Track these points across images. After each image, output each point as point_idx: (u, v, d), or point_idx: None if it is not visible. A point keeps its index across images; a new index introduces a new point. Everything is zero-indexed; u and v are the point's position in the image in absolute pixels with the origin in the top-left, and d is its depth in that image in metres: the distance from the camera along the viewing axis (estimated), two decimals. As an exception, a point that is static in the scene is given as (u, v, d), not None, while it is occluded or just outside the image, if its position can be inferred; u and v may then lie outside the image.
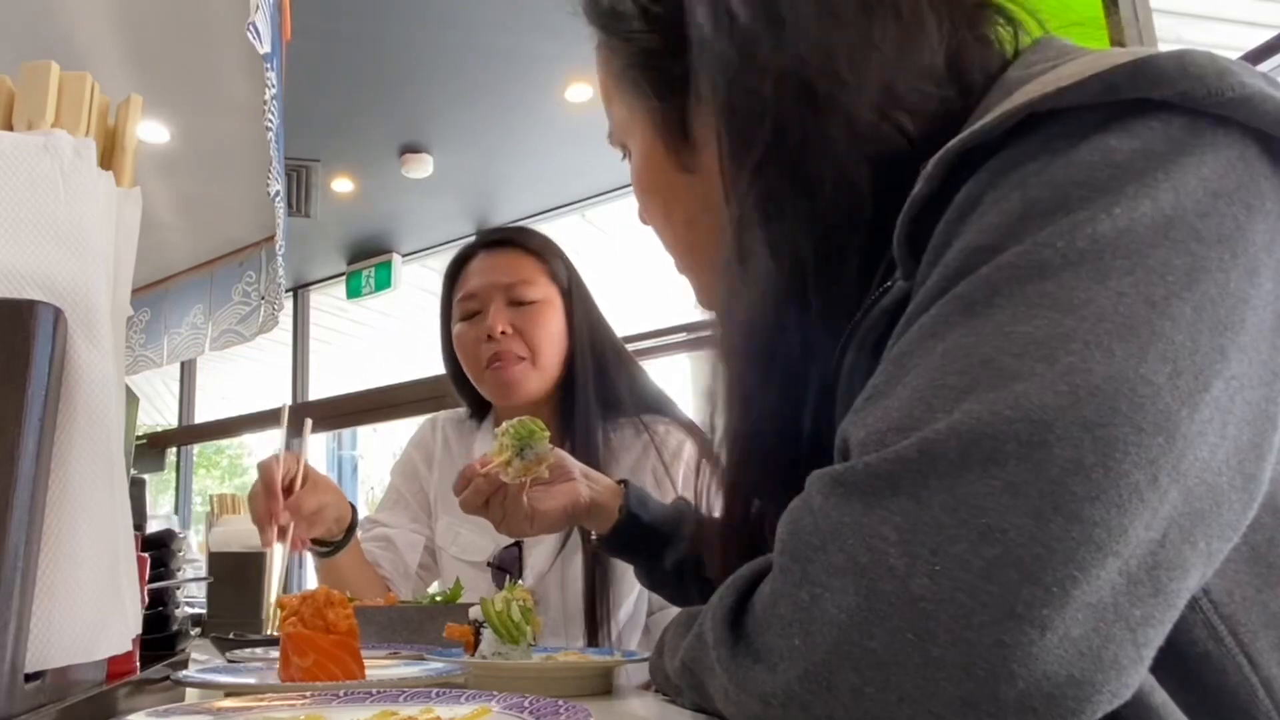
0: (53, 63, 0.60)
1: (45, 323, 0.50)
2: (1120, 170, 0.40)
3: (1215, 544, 0.39)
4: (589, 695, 0.77)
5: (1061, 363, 0.37)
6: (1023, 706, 0.35)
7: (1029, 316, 0.39)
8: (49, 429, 0.50)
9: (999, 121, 0.43)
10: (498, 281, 1.38)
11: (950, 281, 0.43)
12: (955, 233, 0.44)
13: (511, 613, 0.81)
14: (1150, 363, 0.37)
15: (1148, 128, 0.41)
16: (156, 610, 0.91)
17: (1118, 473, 0.36)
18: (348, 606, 0.75)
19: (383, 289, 5.27)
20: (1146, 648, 0.37)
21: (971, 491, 0.36)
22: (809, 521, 0.41)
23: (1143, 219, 0.39)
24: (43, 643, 0.49)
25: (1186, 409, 0.37)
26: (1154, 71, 0.40)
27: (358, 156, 4.35)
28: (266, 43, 1.59)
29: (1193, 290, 0.38)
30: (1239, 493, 0.39)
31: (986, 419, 0.37)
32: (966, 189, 0.44)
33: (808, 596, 0.39)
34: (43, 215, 0.54)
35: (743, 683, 0.42)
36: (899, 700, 0.37)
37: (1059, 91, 0.42)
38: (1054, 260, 0.39)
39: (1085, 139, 0.41)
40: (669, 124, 0.66)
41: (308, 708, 0.56)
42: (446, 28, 3.35)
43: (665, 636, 0.64)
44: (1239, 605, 0.42)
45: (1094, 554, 0.35)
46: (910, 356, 0.43)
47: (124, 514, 0.59)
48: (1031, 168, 0.42)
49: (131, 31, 1.85)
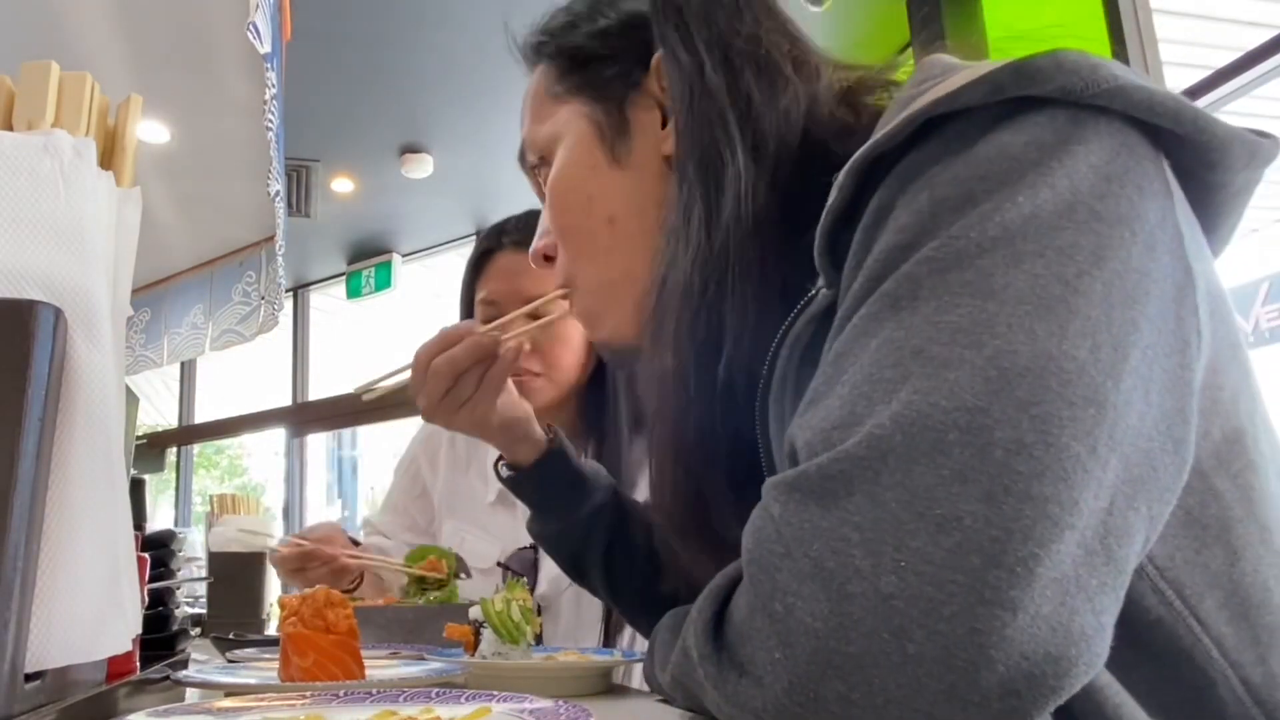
0: (53, 63, 0.60)
1: (45, 323, 0.50)
2: (1016, 162, 0.43)
3: (1156, 508, 0.40)
4: (589, 695, 0.77)
5: (989, 347, 0.39)
6: (1006, 690, 0.36)
7: (952, 306, 0.41)
8: (49, 429, 0.50)
9: (900, 128, 0.46)
10: (520, 291, 1.29)
11: (875, 282, 0.45)
12: (873, 237, 0.46)
13: (511, 613, 0.81)
14: (1071, 339, 0.39)
15: (1035, 122, 0.44)
16: (156, 610, 0.91)
17: (1058, 447, 0.37)
18: (348, 606, 0.75)
19: (383, 289, 5.27)
20: (1104, 614, 0.38)
21: (923, 484, 0.37)
22: (770, 530, 0.42)
23: (1045, 205, 0.41)
24: (43, 643, 0.49)
25: (1111, 380, 0.39)
26: (1033, 70, 0.44)
27: (358, 156, 4.35)
28: (266, 43, 1.59)
29: (1101, 268, 0.40)
30: (1171, 456, 0.41)
31: (924, 410, 0.38)
32: (878, 195, 0.47)
33: (781, 607, 0.40)
34: (43, 215, 0.54)
35: (732, 699, 0.43)
36: (885, 702, 0.37)
37: (951, 95, 0.45)
38: (969, 250, 0.41)
39: (981, 137, 0.44)
40: (608, 116, 0.70)
41: (308, 708, 0.57)
42: (446, 28, 3.35)
43: (654, 643, 0.64)
44: (1181, 568, 0.44)
45: (1050, 529, 0.36)
46: (845, 356, 0.44)
47: (124, 514, 0.59)
48: (935, 169, 0.45)
49: (131, 31, 1.85)
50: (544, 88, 0.74)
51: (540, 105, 0.75)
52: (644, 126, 0.69)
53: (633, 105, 0.69)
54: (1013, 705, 0.36)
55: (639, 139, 0.69)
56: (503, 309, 1.30)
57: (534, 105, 0.76)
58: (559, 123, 0.72)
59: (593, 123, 0.70)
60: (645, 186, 0.68)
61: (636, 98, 0.69)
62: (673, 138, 0.66)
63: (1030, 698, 0.36)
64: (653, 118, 0.68)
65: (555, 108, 0.73)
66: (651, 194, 0.68)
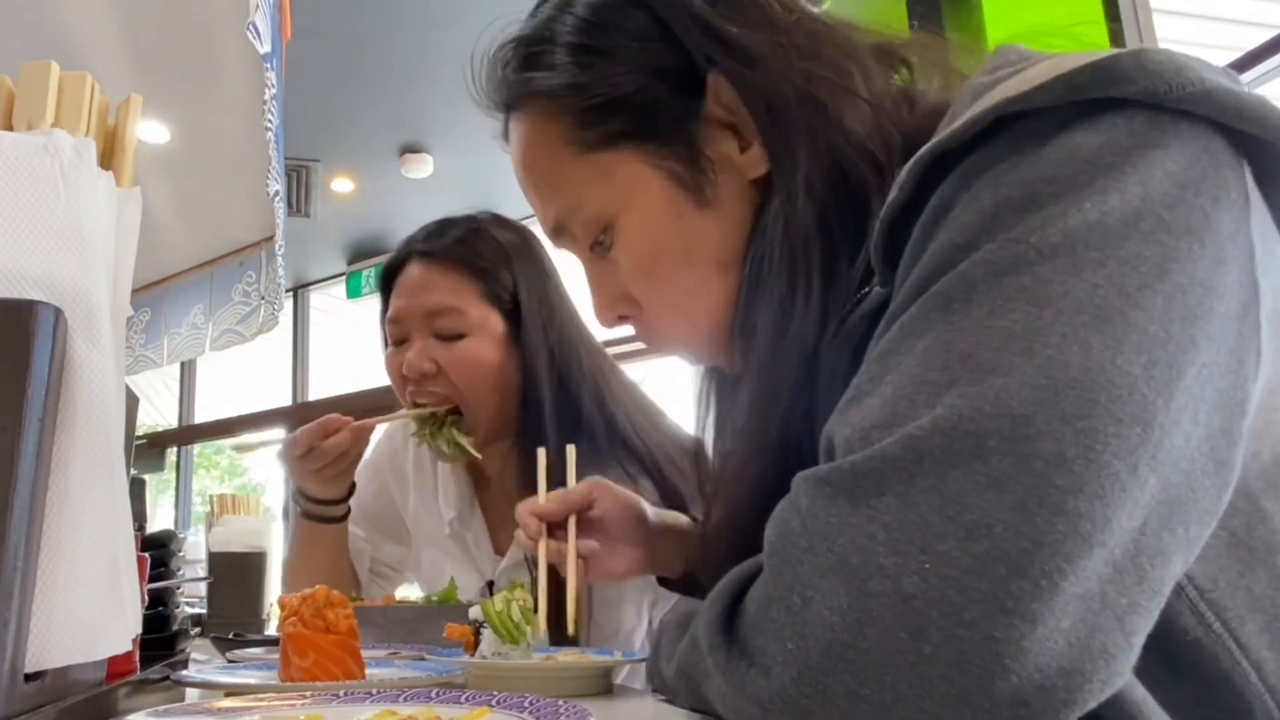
0: (53, 63, 0.60)
1: (45, 323, 0.50)
2: (1088, 165, 0.41)
3: (1194, 530, 0.39)
4: (589, 695, 0.77)
5: (1040, 356, 0.38)
6: (1016, 700, 0.36)
7: (1006, 310, 0.39)
8: (49, 429, 0.50)
9: (968, 126, 0.44)
10: (420, 307, 1.19)
11: (928, 280, 0.43)
12: (930, 235, 0.45)
13: (511, 613, 0.81)
14: (1126, 353, 0.38)
15: (1112, 124, 0.42)
16: (156, 610, 0.91)
17: (1099, 464, 0.36)
18: (348, 606, 0.75)
19: (383, 289, 5.26)
20: (1135, 635, 0.37)
21: (957, 488, 0.37)
22: (796, 523, 0.42)
23: (1112, 212, 0.40)
24: (43, 643, 0.49)
25: (1162, 399, 0.38)
26: (1115, 70, 0.42)
27: (358, 156, 4.35)
28: (266, 42, 1.59)
29: (1164, 281, 0.39)
30: (1212, 478, 0.39)
31: (969, 414, 0.38)
32: (939, 193, 0.45)
33: (799, 599, 0.40)
34: (43, 215, 0.54)
35: (739, 687, 0.42)
36: (894, 700, 0.37)
37: (1025, 94, 0.43)
38: (1028, 254, 0.40)
39: (1052, 138, 0.43)
40: (683, 160, 0.62)
41: (308, 708, 0.56)
42: (446, 28, 3.35)
43: (660, 640, 0.64)
44: (1223, 591, 0.43)
45: (1080, 546, 0.36)
46: (891, 355, 0.43)
47: (124, 514, 0.59)
48: (1001, 168, 0.43)
49: (131, 31, 1.85)
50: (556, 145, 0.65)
51: (560, 168, 0.65)
52: (725, 159, 0.62)
53: (705, 140, 0.61)
54: (1021, 715, 0.36)
55: (724, 174, 0.62)
56: (404, 328, 1.22)
57: (549, 170, 0.66)
58: (613, 183, 0.63)
59: (667, 173, 0.62)
60: (738, 219, 0.62)
61: (704, 130, 0.61)
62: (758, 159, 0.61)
63: (1040, 710, 0.36)
64: (730, 146, 0.62)
65: (589, 166, 0.64)
66: (745, 224, 0.62)
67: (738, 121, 0.61)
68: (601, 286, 0.69)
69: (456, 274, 1.21)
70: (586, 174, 0.64)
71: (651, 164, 0.62)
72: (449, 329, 1.18)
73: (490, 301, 1.21)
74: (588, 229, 0.66)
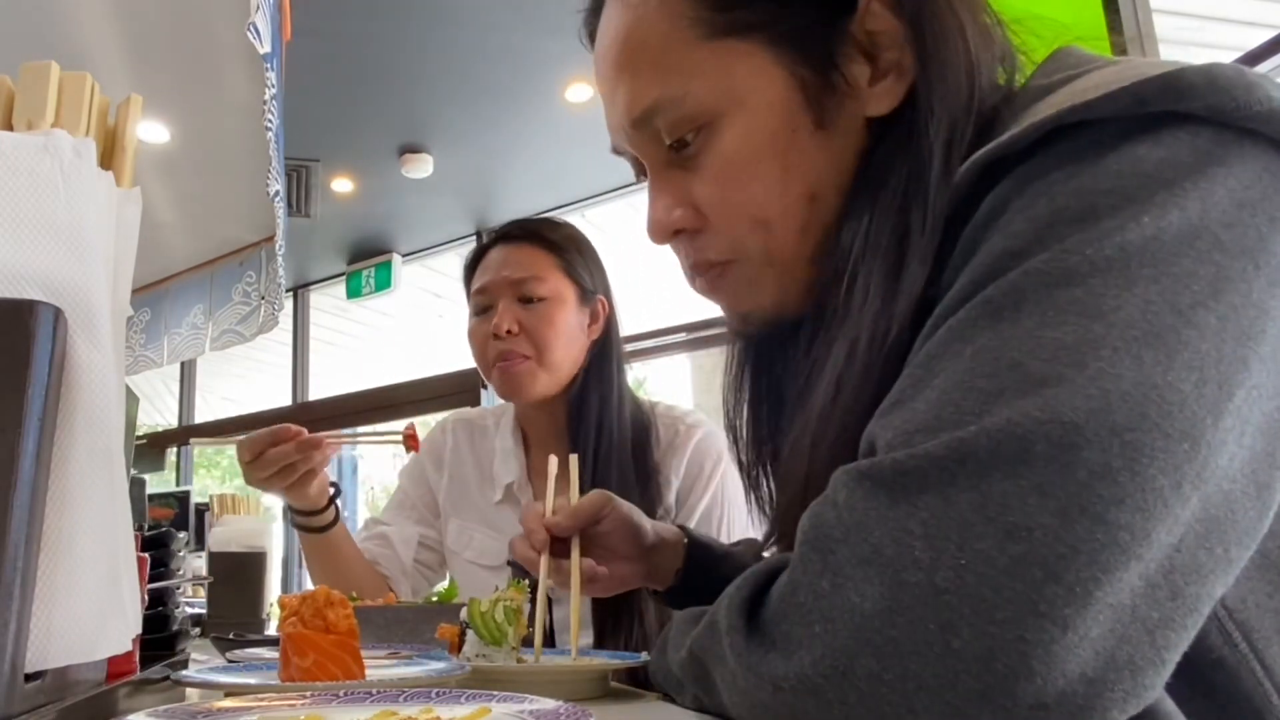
0: (53, 63, 0.60)
1: (45, 323, 0.50)
2: (1148, 180, 0.40)
3: (1234, 550, 0.39)
4: (589, 697, 0.77)
5: (1091, 368, 0.37)
6: (1036, 702, 0.36)
7: (1057, 322, 0.39)
8: (49, 429, 0.50)
9: (1027, 132, 0.44)
10: (507, 277, 1.36)
11: (977, 286, 0.43)
12: (981, 239, 0.45)
13: (495, 614, 0.80)
14: (1177, 370, 0.37)
15: (1175, 139, 0.41)
16: (156, 610, 0.91)
17: (1144, 478, 0.36)
18: (348, 606, 0.75)
19: (383, 289, 5.26)
20: (1166, 650, 0.37)
21: (999, 490, 0.37)
22: (832, 515, 0.42)
23: (1170, 228, 0.39)
24: (43, 643, 0.49)
25: (1211, 417, 0.37)
26: (1183, 85, 0.41)
27: (358, 156, 4.35)
28: (266, 43, 1.58)
29: (1218, 300, 0.39)
30: (1253, 500, 0.39)
31: (1016, 420, 0.38)
32: (992, 197, 0.45)
33: (828, 585, 0.40)
34: (43, 215, 0.54)
35: (754, 668, 0.42)
36: (916, 689, 0.37)
37: (1087, 104, 0.42)
38: (1082, 267, 0.40)
39: (1113, 149, 0.42)
40: (815, 71, 0.56)
41: (308, 708, 0.56)
42: (446, 28, 3.35)
43: (669, 633, 0.64)
44: (1252, 611, 0.43)
45: (1118, 557, 0.36)
46: (938, 360, 0.43)
47: (124, 514, 0.59)
48: (1058, 176, 0.42)
49: (131, 31, 1.85)
50: (679, 23, 0.57)
51: (674, 49, 0.58)
52: (855, 85, 0.57)
53: (844, 58, 0.56)
54: (1039, 718, 0.36)
55: (849, 100, 0.57)
56: (492, 296, 1.36)
57: (661, 49, 0.58)
58: (731, 76, 0.57)
59: (796, 80, 0.56)
60: (849, 154, 0.58)
61: (846, 49, 0.56)
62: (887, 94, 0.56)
63: (1058, 714, 0.36)
64: (863, 73, 0.57)
65: (709, 52, 0.57)
66: (851, 163, 0.58)
67: (879, 48, 0.56)
68: (665, 193, 0.62)
69: (536, 249, 1.38)
70: (704, 61, 0.57)
71: (782, 66, 0.56)
72: (532, 292, 1.35)
73: (565, 274, 1.38)
74: (679, 124, 0.59)
